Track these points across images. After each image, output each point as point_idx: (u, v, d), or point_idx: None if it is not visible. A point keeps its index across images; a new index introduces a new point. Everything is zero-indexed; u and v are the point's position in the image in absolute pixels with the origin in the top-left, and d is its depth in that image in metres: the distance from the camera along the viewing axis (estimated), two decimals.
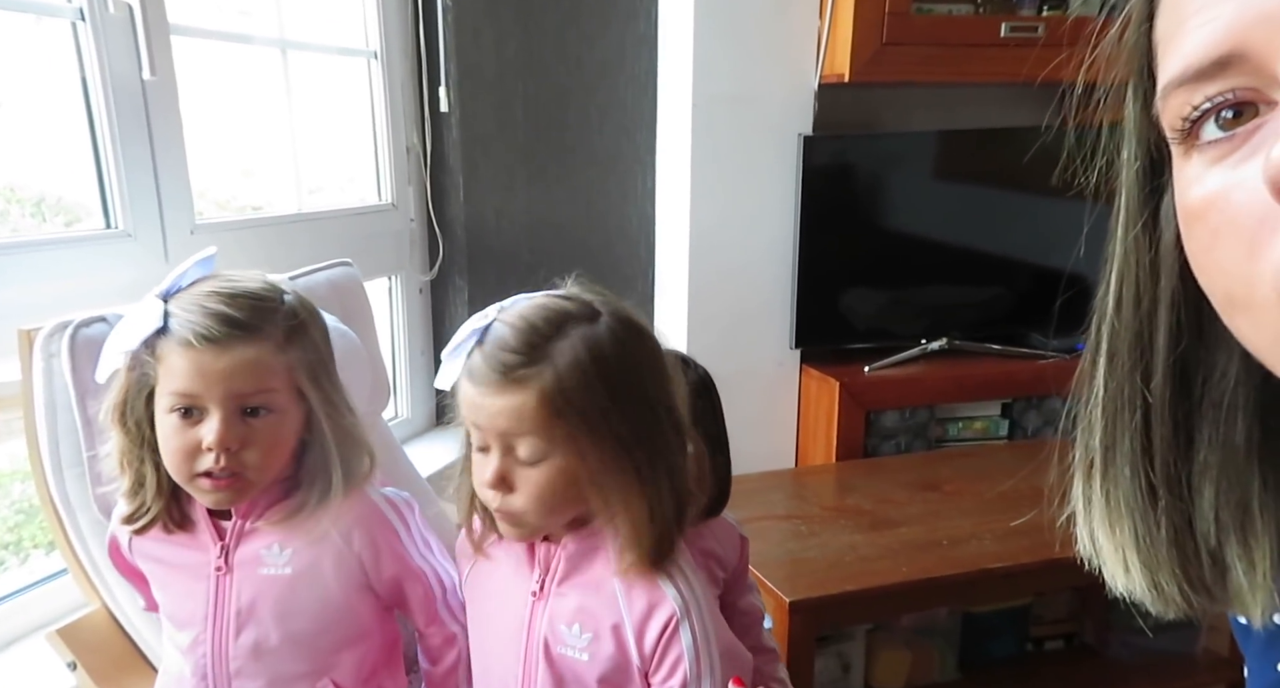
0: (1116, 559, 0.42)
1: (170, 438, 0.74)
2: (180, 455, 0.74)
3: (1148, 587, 0.41)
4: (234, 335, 0.72)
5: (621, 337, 0.73)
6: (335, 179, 1.85)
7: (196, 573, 0.80)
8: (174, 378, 0.72)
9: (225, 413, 0.73)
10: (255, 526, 0.80)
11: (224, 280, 0.76)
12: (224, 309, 0.72)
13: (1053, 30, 1.76)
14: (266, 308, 0.75)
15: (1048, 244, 1.98)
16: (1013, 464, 1.71)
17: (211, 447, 0.72)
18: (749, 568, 1.02)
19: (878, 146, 1.89)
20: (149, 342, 0.73)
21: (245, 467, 0.74)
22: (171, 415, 0.73)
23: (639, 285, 2.01)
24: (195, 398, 0.72)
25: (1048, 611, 1.63)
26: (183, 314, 0.72)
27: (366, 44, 1.75)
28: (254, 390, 0.74)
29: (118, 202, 1.23)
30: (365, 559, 0.83)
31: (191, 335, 0.71)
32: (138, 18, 1.18)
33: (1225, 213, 0.32)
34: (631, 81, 1.89)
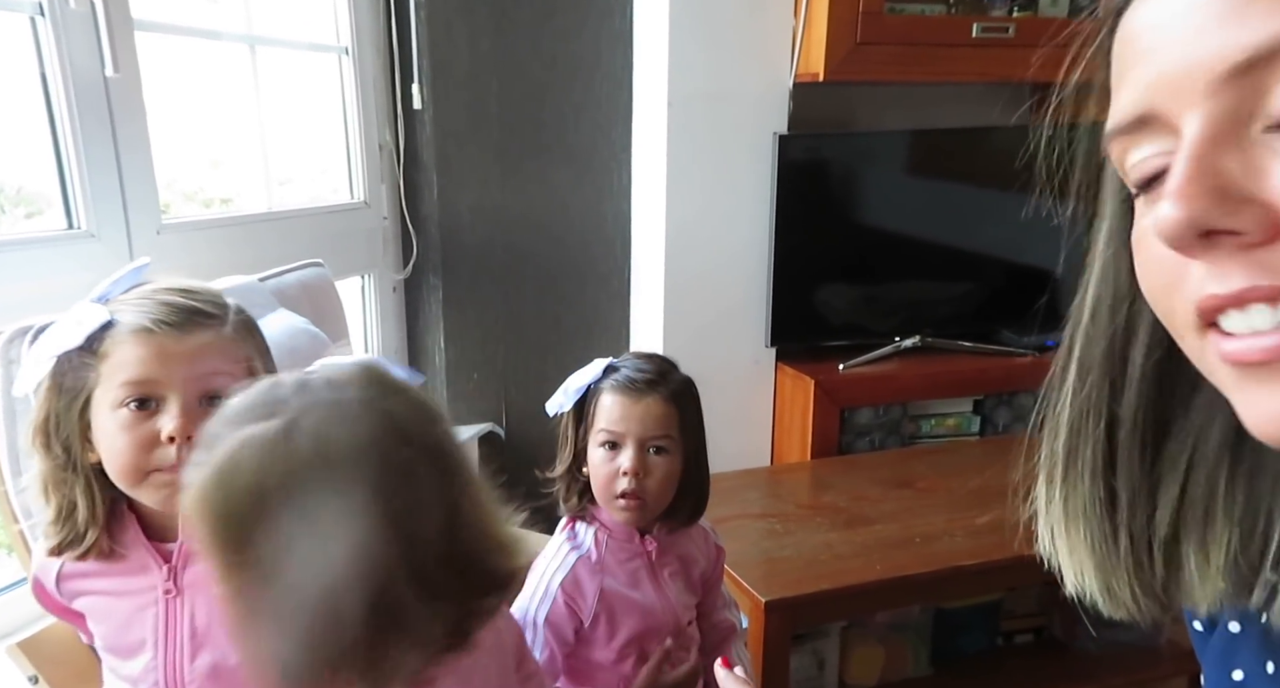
0: (1071, 562, 0.43)
1: (120, 434, 0.69)
2: (133, 452, 0.69)
3: (1100, 589, 0.42)
4: (194, 320, 0.71)
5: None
6: (305, 172, 1.82)
7: (141, 599, 0.76)
8: (127, 368, 0.69)
9: (186, 399, 0.69)
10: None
11: (165, 282, 0.74)
12: (178, 299, 0.71)
13: (1023, 31, 1.78)
14: (219, 301, 0.75)
15: (1018, 242, 2.00)
16: (984, 461, 1.74)
17: (173, 435, 0.68)
18: (723, 579, 1.02)
19: (852, 145, 1.90)
20: (92, 339, 0.69)
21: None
22: (121, 411, 0.69)
23: (614, 283, 2.00)
24: (154, 385, 0.69)
25: (1018, 605, 1.65)
26: (132, 309, 0.70)
27: (338, 40, 1.73)
28: (215, 372, 0.71)
29: (80, 201, 1.20)
30: None
31: (149, 321, 0.69)
32: (100, 13, 1.15)
33: (1153, 250, 0.34)
34: (607, 78, 1.89)
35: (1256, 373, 0.31)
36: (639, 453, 0.89)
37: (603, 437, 0.91)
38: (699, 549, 0.99)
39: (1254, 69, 0.30)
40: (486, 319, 1.97)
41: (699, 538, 1.00)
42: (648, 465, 0.89)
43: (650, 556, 0.95)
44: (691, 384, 0.94)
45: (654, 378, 0.90)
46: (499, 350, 2.00)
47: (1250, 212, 0.30)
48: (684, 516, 0.95)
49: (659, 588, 0.95)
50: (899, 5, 1.75)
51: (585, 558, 0.93)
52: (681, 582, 0.97)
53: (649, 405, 0.89)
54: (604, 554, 0.94)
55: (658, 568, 0.95)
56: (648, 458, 0.89)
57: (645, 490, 0.89)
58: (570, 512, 0.96)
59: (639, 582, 0.94)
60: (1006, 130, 2.05)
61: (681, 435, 0.91)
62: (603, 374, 0.93)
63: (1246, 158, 0.30)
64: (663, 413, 0.89)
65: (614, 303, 2.01)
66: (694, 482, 0.94)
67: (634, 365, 0.92)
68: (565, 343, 2.01)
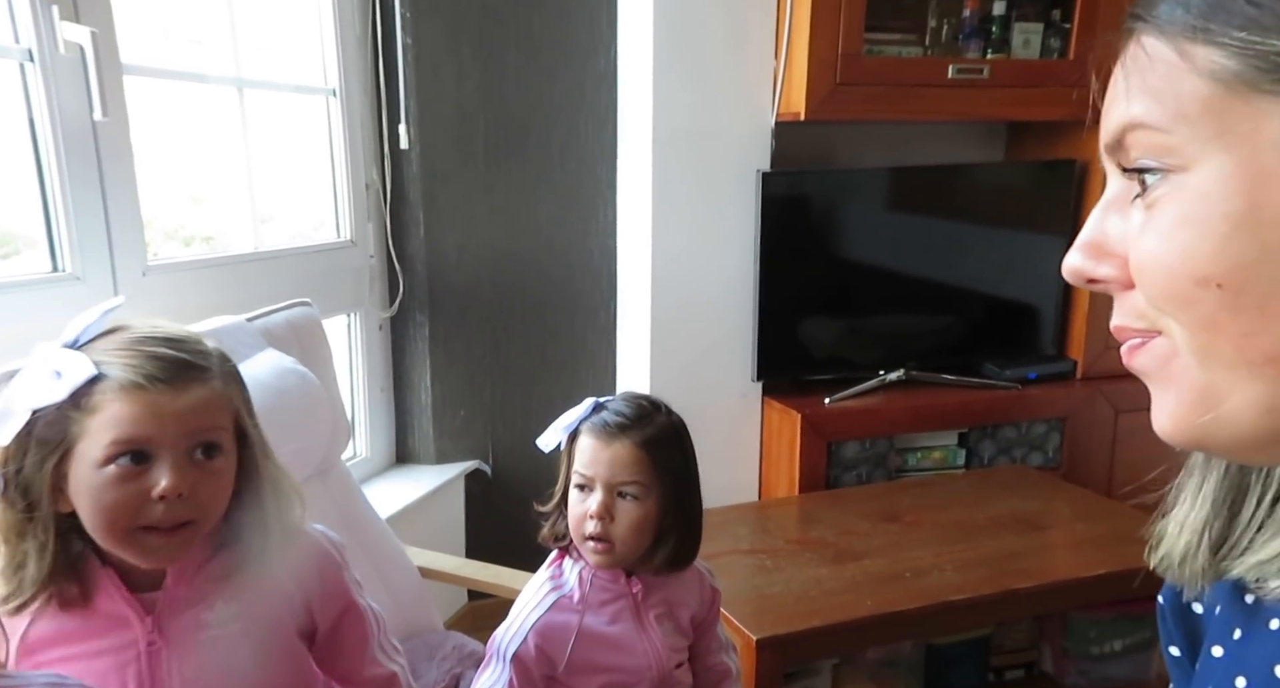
0: (1177, 519, 0.44)
1: (107, 491, 0.67)
2: (121, 509, 0.67)
3: (1184, 547, 0.43)
4: (186, 375, 0.69)
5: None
6: (288, 211, 1.83)
7: (120, 656, 0.72)
8: (118, 426, 0.67)
9: (177, 456, 0.68)
10: (190, 589, 0.74)
11: (145, 327, 0.72)
12: (166, 351, 0.69)
13: (997, 72, 1.83)
14: (202, 349, 0.73)
15: (997, 276, 2.04)
16: (970, 493, 1.75)
17: (165, 493, 0.67)
18: (719, 622, 1.01)
19: (834, 182, 1.94)
20: (77, 394, 0.66)
21: (196, 512, 0.70)
22: (109, 467, 0.67)
23: (601, 319, 2.01)
24: (145, 442, 0.68)
25: (1007, 640, 1.65)
26: (119, 360, 0.68)
27: (325, 81, 1.75)
28: (209, 427, 0.71)
29: (65, 244, 1.19)
30: (313, 599, 0.80)
31: (141, 377, 0.67)
32: (89, 58, 1.16)
33: None
34: (592, 117, 1.91)
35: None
36: (606, 497, 0.88)
37: (576, 478, 0.91)
38: (690, 592, 0.98)
39: (1119, 147, 0.37)
40: (473, 356, 1.97)
41: (691, 580, 0.98)
42: (615, 511, 0.88)
43: (635, 597, 0.94)
44: (674, 429, 0.92)
45: (627, 423, 0.89)
46: (485, 387, 2.00)
47: (1110, 264, 0.38)
48: (663, 561, 0.92)
49: (643, 630, 0.93)
50: (877, 47, 1.80)
51: (567, 598, 0.92)
52: (670, 624, 0.96)
53: (617, 451, 0.88)
54: (587, 592, 0.93)
55: (643, 609, 0.94)
56: (617, 503, 0.88)
57: (612, 535, 0.88)
58: (551, 546, 0.96)
59: (622, 623, 0.92)
60: (983, 167, 2.11)
61: (656, 481, 0.89)
62: (590, 413, 0.92)
63: (1124, 220, 0.38)
64: (632, 459, 0.88)
65: (600, 339, 2.02)
66: (673, 527, 0.91)
67: (615, 407, 0.91)
68: (551, 379, 2.01)
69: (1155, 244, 0.35)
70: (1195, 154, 0.34)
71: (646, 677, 0.93)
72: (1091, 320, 2.02)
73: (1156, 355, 0.37)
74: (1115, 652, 1.62)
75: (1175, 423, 0.37)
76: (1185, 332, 0.35)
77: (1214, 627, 0.44)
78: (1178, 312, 0.35)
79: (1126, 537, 1.53)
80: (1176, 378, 0.37)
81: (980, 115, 1.93)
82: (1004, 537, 1.54)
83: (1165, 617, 0.48)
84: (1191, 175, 0.34)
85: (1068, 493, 1.77)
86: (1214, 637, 0.43)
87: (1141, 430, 2.13)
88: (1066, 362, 2.05)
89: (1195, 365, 0.36)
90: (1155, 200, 0.36)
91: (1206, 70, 0.34)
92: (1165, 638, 0.49)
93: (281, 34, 1.72)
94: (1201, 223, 0.34)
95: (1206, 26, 0.34)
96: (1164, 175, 0.35)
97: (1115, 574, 1.42)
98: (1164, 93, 0.35)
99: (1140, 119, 0.36)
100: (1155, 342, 0.37)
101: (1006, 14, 1.86)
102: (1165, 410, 0.38)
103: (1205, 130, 0.34)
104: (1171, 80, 0.35)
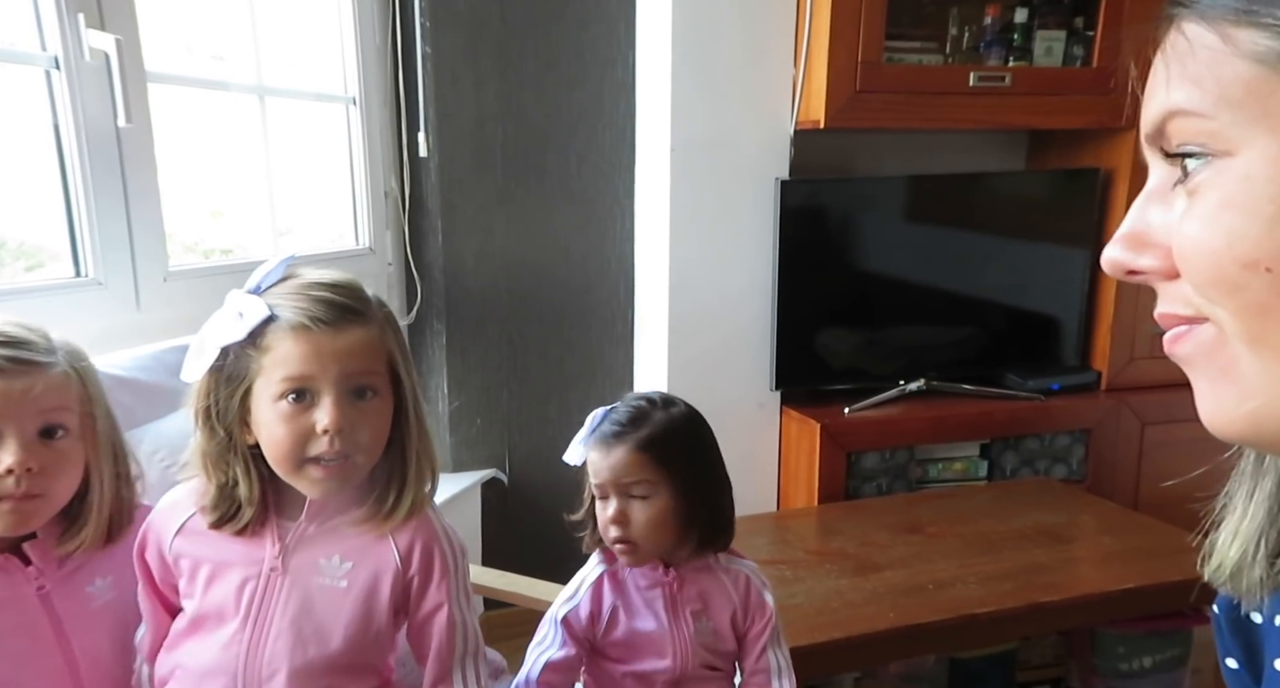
0: (1229, 529, 0.43)
1: (280, 425, 0.75)
2: (291, 442, 0.75)
3: (1238, 557, 0.42)
4: (345, 318, 0.75)
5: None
6: (308, 221, 1.84)
7: (247, 570, 0.79)
8: (286, 364, 0.74)
9: (337, 394, 0.74)
10: (320, 531, 0.80)
11: (314, 275, 0.79)
12: (331, 296, 0.76)
13: (1019, 80, 1.82)
14: (364, 296, 0.79)
15: (1018, 286, 2.01)
16: (993, 506, 1.72)
17: (327, 428, 0.74)
18: (776, 642, 0.98)
19: (853, 190, 1.93)
20: (254, 333, 0.74)
21: (355, 449, 0.76)
22: (281, 403, 0.74)
23: (618, 328, 2.00)
24: (309, 380, 0.74)
25: (1034, 655, 1.62)
26: (289, 303, 0.75)
27: (345, 90, 1.76)
28: (364, 370, 0.76)
29: (89, 249, 1.20)
30: (415, 584, 0.82)
31: (307, 319, 0.74)
32: (114, 66, 1.17)
33: None
34: (610, 127, 1.92)
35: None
36: (620, 502, 0.91)
37: (594, 490, 0.94)
38: (729, 590, 0.97)
39: (1160, 135, 0.37)
40: (490, 364, 1.97)
41: (733, 581, 0.97)
42: (629, 513, 0.91)
43: (670, 587, 0.95)
44: (674, 422, 0.92)
45: (621, 429, 0.92)
46: (502, 396, 1.99)
47: (1152, 255, 0.38)
48: (694, 545, 0.94)
49: (675, 621, 0.95)
50: (897, 55, 1.79)
51: (613, 574, 0.97)
52: (708, 622, 0.96)
53: (617, 457, 0.91)
54: (625, 577, 0.97)
55: (679, 602, 0.96)
56: (630, 504, 0.91)
57: (632, 536, 0.91)
58: (591, 551, 0.99)
59: (655, 611, 0.95)
60: (1003, 176, 2.09)
61: (663, 476, 0.91)
62: (597, 424, 0.95)
63: (1166, 210, 0.37)
64: (632, 461, 0.90)
65: (618, 348, 2.01)
66: (696, 514, 0.92)
67: (613, 416, 0.94)
68: (569, 388, 2.00)
69: (1199, 229, 0.35)
70: (1239, 138, 0.33)
71: (668, 668, 0.94)
72: (1116, 331, 1.99)
73: (1203, 343, 0.36)
74: (1145, 669, 1.58)
75: (1224, 414, 0.36)
76: (1234, 319, 0.34)
77: (1276, 639, 0.42)
78: (1225, 298, 0.34)
79: (1155, 551, 1.50)
80: (1224, 367, 0.36)
81: (1001, 124, 1.91)
82: (1028, 550, 1.51)
83: (1221, 628, 0.46)
84: (1235, 159, 0.34)
85: (1094, 506, 1.74)
86: (1277, 649, 0.41)
87: (1170, 443, 2.10)
88: (1091, 373, 2.01)
89: (1246, 353, 0.35)
90: (1197, 186, 0.35)
91: (1250, 53, 0.33)
92: (1222, 650, 0.47)
93: (303, 43, 1.74)
94: (1246, 206, 0.33)
95: (1251, 8, 0.33)
96: (1207, 160, 0.35)
97: (1143, 589, 1.39)
98: (1206, 78, 0.34)
99: (1182, 106, 0.35)
100: (1201, 329, 0.36)
101: (1029, 22, 1.85)
102: (1213, 401, 0.36)
103: (1249, 114, 0.33)
104: (1214, 65, 0.34)
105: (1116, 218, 1.95)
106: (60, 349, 0.79)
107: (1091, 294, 2.00)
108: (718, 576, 0.97)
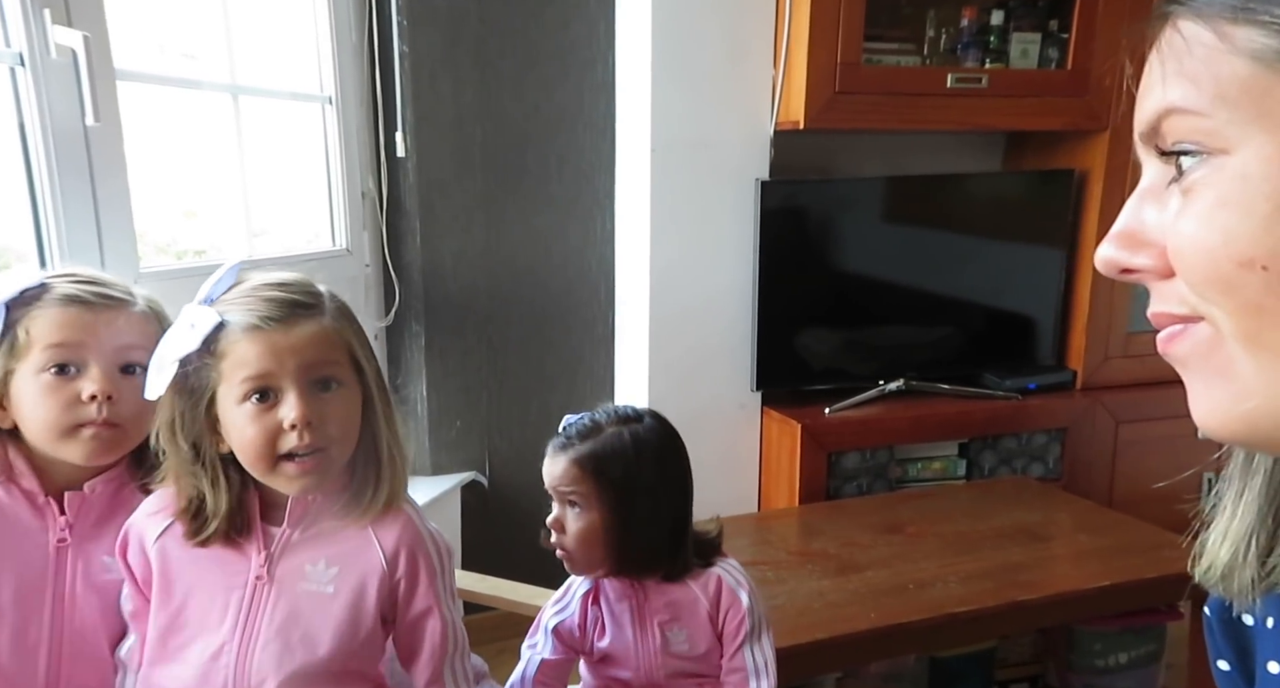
0: (1219, 529, 0.43)
1: (248, 426, 0.75)
2: (261, 442, 0.75)
3: (1229, 558, 0.42)
4: (296, 313, 0.76)
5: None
6: (283, 222, 1.81)
7: (231, 580, 0.80)
8: (245, 365, 0.75)
9: (300, 387, 0.75)
10: (304, 536, 0.81)
11: (262, 277, 0.80)
12: (279, 294, 0.77)
13: (995, 82, 1.83)
14: (314, 290, 0.80)
15: (996, 286, 2.03)
16: (972, 505, 1.73)
17: (295, 423, 0.74)
18: (749, 643, 0.98)
19: (833, 191, 1.93)
20: (208, 341, 0.75)
21: (327, 440, 0.77)
22: (246, 405, 0.75)
23: (599, 329, 2.00)
24: (270, 378, 0.75)
25: (1012, 654, 1.63)
26: (239, 307, 0.76)
27: (321, 89, 1.73)
28: (322, 361, 0.77)
29: (56, 250, 1.17)
30: (401, 587, 0.82)
31: (257, 319, 0.75)
32: (81, 63, 1.14)
33: None
34: (590, 127, 1.91)
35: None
36: (560, 508, 0.95)
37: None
38: (700, 596, 0.97)
39: (1155, 133, 0.36)
40: (469, 367, 1.95)
41: (702, 586, 0.97)
42: (564, 521, 0.94)
43: (634, 599, 0.97)
44: (624, 441, 0.94)
45: (566, 441, 0.95)
46: (482, 398, 1.97)
47: (1146, 254, 0.37)
48: (622, 568, 0.95)
49: (641, 633, 0.97)
50: (876, 56, 1.80)
51: (597, 584, 1.00)
52: (681, 631, 0.96)
53: (557, 465, 0.95)
54: (604, 589, 1.00)
55: (646, 614, 0.97)
56: (565, 512, 0.95)
57: (565, 544, 0.95)
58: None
59: (623, 622, 0.98)
60: (980, 177, 2.10)
61: (597, 492, 0.93)
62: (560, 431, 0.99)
63: (1161, 209, 0.37)
64: (567, 472, 0.94)
65: (598, 349, 2.00)
66: (630, 536, 0.93)
67: (568, 429, 0.97)
68: (549, 390, 1.99)
69: (1194, 228, 0.34)
70: (1235, 136, 0.33)
71: (631, 679, 0.97)
72: (1091, 331, 2.01)
73: (1199, 342, 0.36)
74: (1121, 665, 1.60)
75: (1219, 414, 0.36)
76: (1230, 318, 0.34)
77: (1268, 641, 0.42)
78: (1221, 297, 0.34)
79: (1130, 549, 1.51)
80: (1220, 367, 0.35)
81: (978, 125, 1.93)
82: (1007, 549, 1.52)
83: (1213, 630, 0.46)
84: (1231, 158, 0.33)
85: (1070, 504, 1.76)
86: (1269, 652, 0.42)
87: (1142, 441, 2.13)
88: (1066, 372, 2.04)
89: (1241, 353, 0.34)
90: (1192, 184, 0.35)
91: (1247, 50, 0.33)
92: (1214, 652, 0.47)
93: (277, 41, 1.71)
94: (1242, 204, 0.33)
95: (1247, 6, 0.33)
96: (1202, 159, 0.34)
97: (1119, 587, 1.41)
98: (1202, 76, 0.34)
99: (1177, 104, 0.35)
100: (1197, 328, 0.36)
101: (1004, 24, 1.87)
102: (1208, 401, 0.36)
103: (1245, 112, 0.33)
104: (1210, 63, 0.34)
105: (1092, 218, 1.98)
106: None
107: (1067, 294, 2.02)
108: (685, 584, 0.97)
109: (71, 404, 0.81)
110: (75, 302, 0.83)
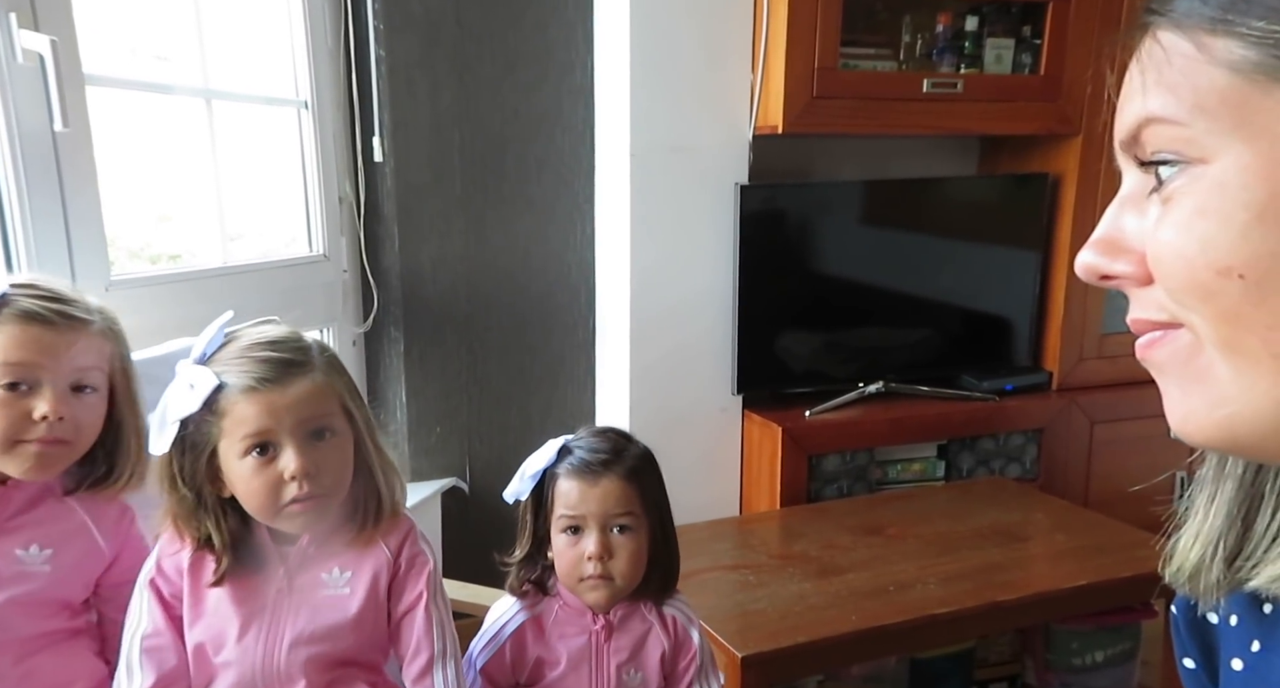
0: (1190, 532, 0.43)
1: (251, 479, 0.80)
2: (265, 492, 0.80)
3: (1197, 559, 0.42)
4: (290, 372, 0.81)
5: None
6: (258, 226, 1.79)
7: (255, 591, 0.84)
8: (245, 424, 0.79)
9: (297, 441, 0.80)
10: (319, 550, 0.86)
11: (253, 334, 0.84)
12: (272, 354, 0.81)
13: (970, 86, 1.85)
14: (304, 346, 0.84)
15: (972, 288, 2.05)
16: (950, 506, 1.75)
17: (294, 474, 0.79)
18: (692, 668, 0.97)
19: (811, 195, 1.94)
20: (209, 402, 0.79)
21: (323, 487, 0.81)
22: (247, 459, 0.80)
23: (579, 334, 1.99)
24: (268, 434, 0.80)
25: (991, 653, 1.65)
26: (235, 368, 0.80)
27: (297, 94, 1.72)
28: (317, 414, 0.82)
29: (24, 260, 1.15)
30: (400, 574, 0.88)
31: (254, 381, 0.79)
32: (49, 68, 1.12)
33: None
34: (569, 131, 1.90)
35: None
36: (601, 535, 0.89)
37: (564, 522, 0.90)
38: (662, 636, 0.95)
39: (1135, 142, 0.37)
40: (449, 372, 1.94)
41: (664, 626, 0.95)
42: (612, 546, 0.89)
43: (597, 635, 0.93)
44: (648, 457, 0.94)
45: (608, 458, 0.90)
46: (462, 403, 1.96)
47: (1126, 260, 0.38)
48: (654, 589, 0.93)
49: (597, 671, 0.92)
50: (853, 61, 1.81)
51: (535, 621, 0.93)
52: (636, 672, 0.93)
53: (606, 486, 0.89)
54: (549, 625, 0.93)
55: (605, 654, 0.93)
56: (611, 538, 0.89)
57: (612, 571, 0.89)
58: (518, 595, 0.95)
59: (577, 661, 0.92)
60: (956, 181, 2.12)
61: (644, 511, 0.90)
62: (557, 457, 0.92)
63: (1140, 216, 0.37)
64: (621, 492, 0.89)
65: (579, 354, 1.99)
66: (661, 553, 0.92)
67: (588, 445, 0.92)
68: (530, 395, 1.98)
69: (1173, 236, 0.35)
70: (1213, 146, 0.34)
71: None
72: (1066, 332, 2.04)
73: (1178, 349, 0.37)
74: (1097, 663, 1.62)
75: (1196, 420, 0.36)
76: (1208, 324, 0.35)
77: (1231, 639, 0.43)
78: (1200, 304, 0.35)
79: (1105, 548, 1.53)
80: (1198, 373, 0.36)
81: (954, 129, 1.95)
82: (986, 549, 1.54)
83: (1179, 628, 0.47)
84: (1210, 167, 0.34)
85: (1046, 505, 1.78)
86: (1232, 649, 0.42)
87: (1116, 441, 2.16)
88: (1042, 373, 2.06)
89: (1219, 359, 0.35)
90: (1172, 193, 0.35)
91: (1225, 61, 0.33)
92: (1180, 650, 0.47)
93: (251, 45, 1.69)
94: (1221, 213, 0.33)
95: (1226, 18, 0.33)
96: (1181, 168, 0.35)
97: (1096, 586, 1.42)
98: (1181, 86, 0.35)
99: (1157, 113, 0.35)
100: (1176, 334, 0.37)
101: (979, 30, 1.89)
102: (1184, 408, 0.37)
103: (1224, 122, 0.33)
104: (1189, 73, 0.34)
105: (1066, 221, 2.00)
106: (97, 311, 0.88)
107: (1042, 296, 2.05)
108: (648, 621, 0.94)
109: (20, 420, 0.83)
110: (35, 320, 0.84)
